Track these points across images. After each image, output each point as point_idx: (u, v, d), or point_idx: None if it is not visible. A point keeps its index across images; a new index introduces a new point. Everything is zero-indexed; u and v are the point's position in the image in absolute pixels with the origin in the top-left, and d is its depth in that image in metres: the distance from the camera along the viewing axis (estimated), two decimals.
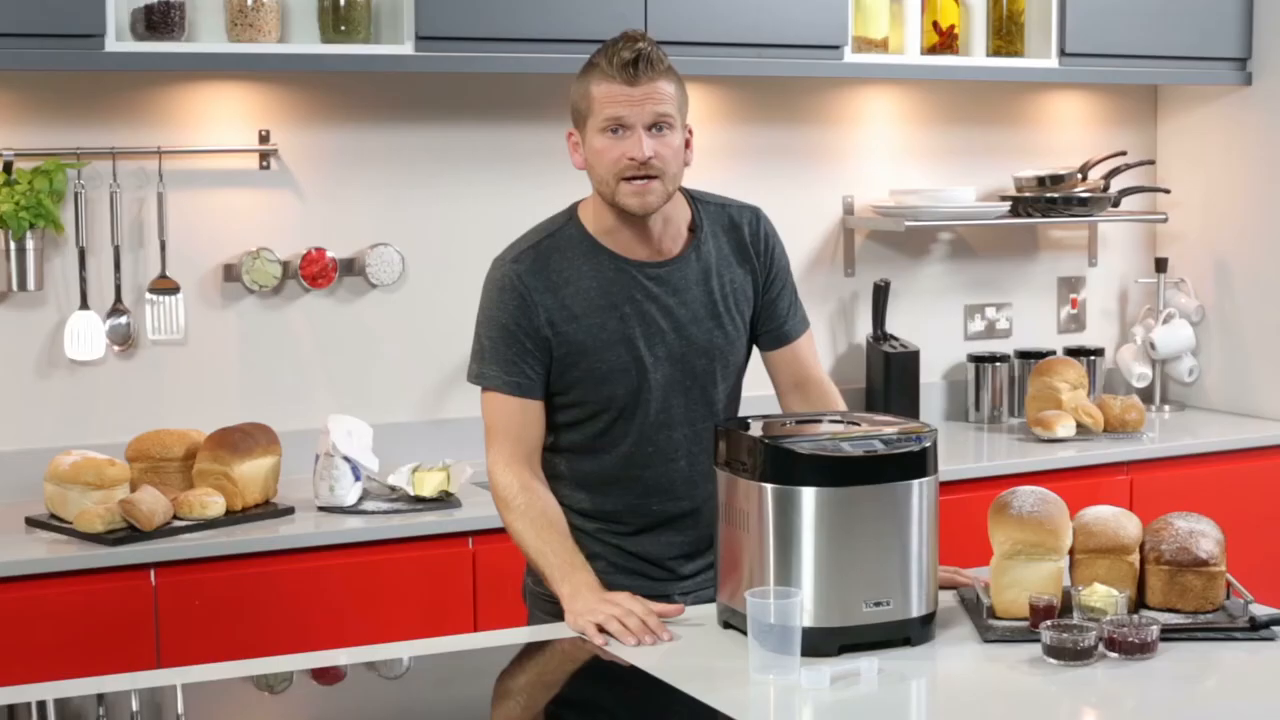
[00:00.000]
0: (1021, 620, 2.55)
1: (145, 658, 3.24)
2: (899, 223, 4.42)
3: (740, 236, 2.83)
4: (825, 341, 4.50)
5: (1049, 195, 4.60)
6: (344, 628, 3.35)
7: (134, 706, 2.35)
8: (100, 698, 2.36)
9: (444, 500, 3.61)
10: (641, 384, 2.74)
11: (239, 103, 3.87)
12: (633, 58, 2.62)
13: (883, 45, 4.29)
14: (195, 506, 3.41)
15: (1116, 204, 4.73)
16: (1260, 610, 2.59)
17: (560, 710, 2.45)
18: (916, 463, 2.49)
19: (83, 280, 3.72)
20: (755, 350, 2.90)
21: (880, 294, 4.52)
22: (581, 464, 2.80)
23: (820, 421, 2.63)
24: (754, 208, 2.87)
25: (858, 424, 2.62)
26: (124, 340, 3.78)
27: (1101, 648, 2.42)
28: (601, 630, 2.53)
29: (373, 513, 3.55)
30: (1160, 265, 4.89)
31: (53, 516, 3.42)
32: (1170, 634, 2.49)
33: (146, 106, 3.78)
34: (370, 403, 3.99)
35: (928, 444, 2.51)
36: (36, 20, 3.37)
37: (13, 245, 3.61)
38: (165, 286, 3.79)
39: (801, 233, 4.44)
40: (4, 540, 3.34)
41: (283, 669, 2.52)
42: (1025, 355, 4.68)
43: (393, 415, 4.02)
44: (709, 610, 2.63)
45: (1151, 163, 4.89)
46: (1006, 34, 4.46)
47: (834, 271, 4.56)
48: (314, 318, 3.97)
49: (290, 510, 3.56)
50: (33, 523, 3.43)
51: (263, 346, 3.92)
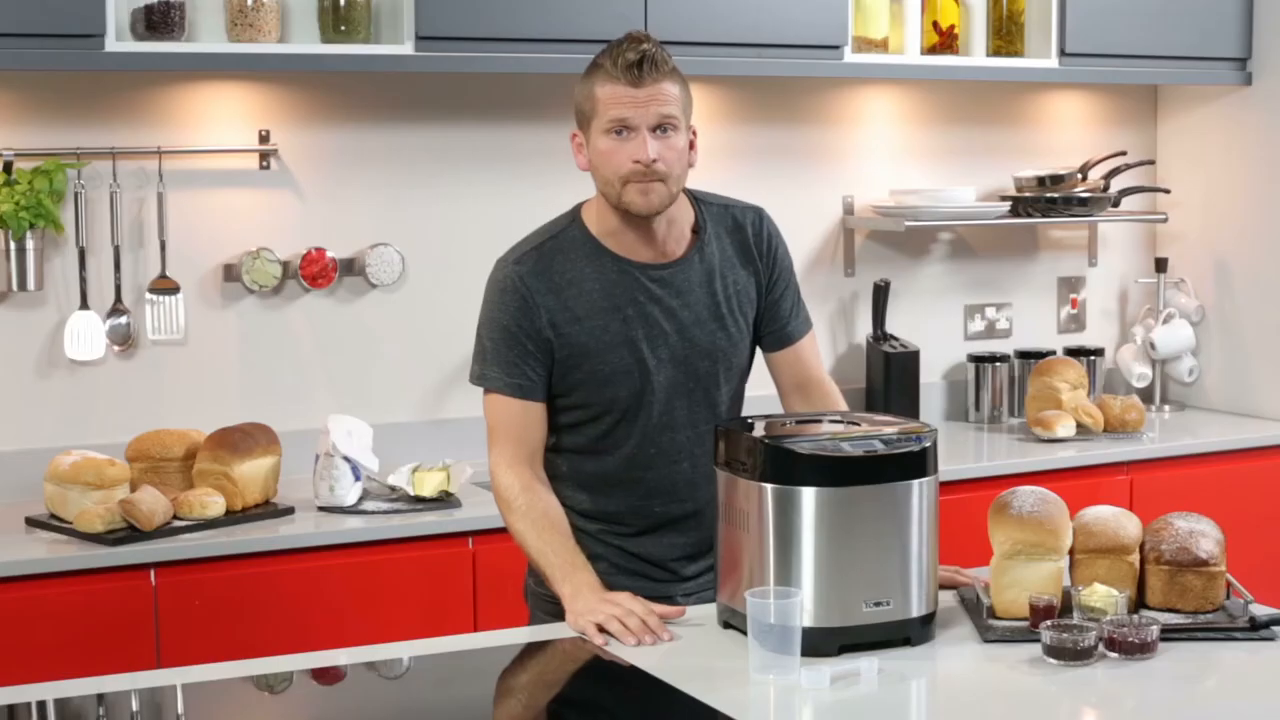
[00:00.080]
0: (1021, 620, 2.55)
1: (145, 658, 3.24)
2: (899, 223, 4.42)
3: (744, 237, 2.82)
4: (825, 341, 4.50)
5: (1049, 195, 4.60)
6: (344, 628, 3.35)
7: (134, 706, 2.35)
8: (100, 698, 2.36)
9: (444, 500, 3.61)
10: (644, 386, 2.74)
11: (239, 103, 3.87)
12: (637, 59, 2.61)
13: (883, 45, 4.29)
14: (195, 506, 3.41)
15: (1116, 204, 4.72)
16: (1260, 610, 2.59)
17: (560, 710, 2.45)
18: (916, 463, 2.49)
19: (83, 280, 3.72)
20: (757, 351, 2.90)
21: (880, 294, 4.52)
22: (584, 465, 2.80)
23: (820, 421, 2.63)
24: (757, 208, 2.87)
25: (858, 424, 2.61)
26: (124, 340, 3.78)
27: (1101, 648, 2.42)
28: (602, 630, 2.53)
29: (373, 513, 3.55)
30: (1160, 265, 4.89)
31: (53, 516, 3.42)
32: (1170, 634, 2.49)
33: (146, 106, 3.78)
34: (370, 403, 3.99)
35: (928, 444, 2.51)
36: (36, 20, 3.37)
37: (13, 245, 3.61)
38: (165, 286, 3.79)
39: (801, 233, 4.43)
40: (4, 540, 3.34)
41: (283, 669, 2.52)
42: (1025, 355, 4.68)
43: (393, 415, 4.02)
44: (709, 610, 2.63)
45: (1151, 163, 4.89)
46: (1006, 34, 4.46)
47: (834, 271, 4.56)
48: (314, 318, 3.97)
49: (290, 510, 3.56)
50: (33, 523, 3.43)
51: (263, 346, 3.92)
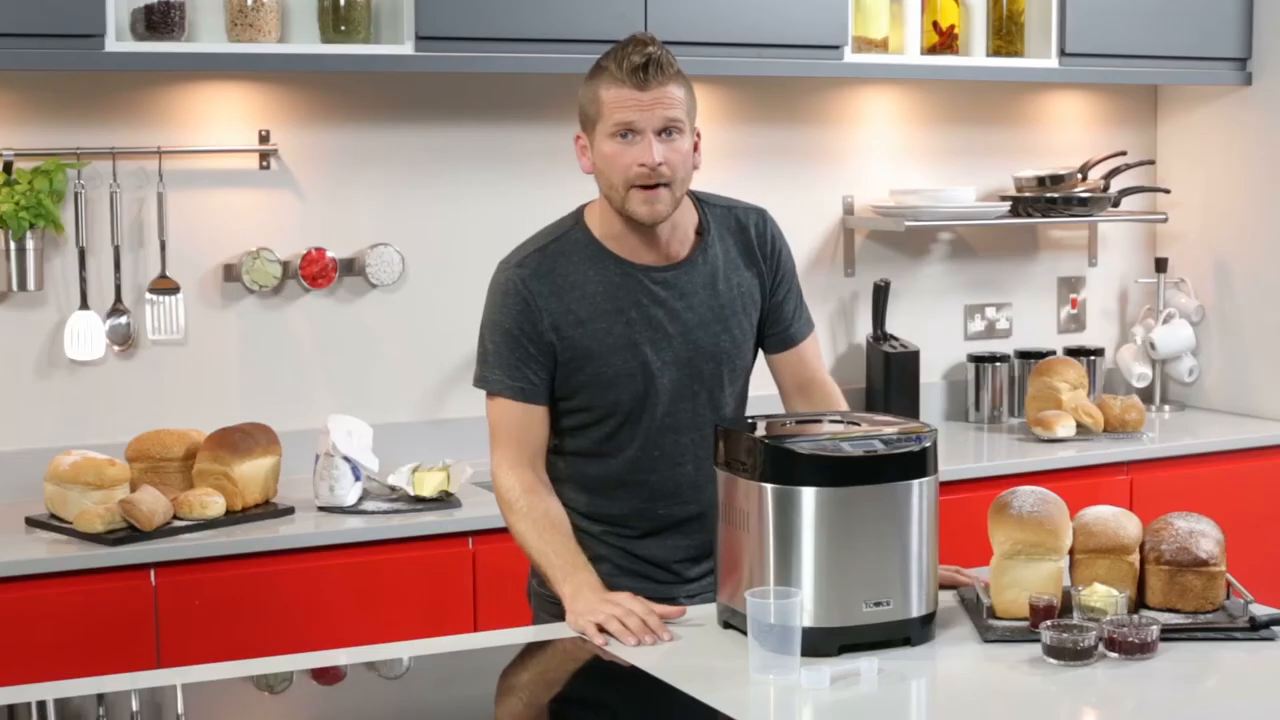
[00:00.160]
0: (1021, 620, 2.55)
1: (145, 658, 3.24)
2: (899, 223, 4.42)
3: (747, 238, 2.81)
4: (825, 341, 4.50)
5: (1049, 195, 4.60)
6: (344, 628, 3.35)
7: (134, 706, 2.35)
8: (100, 698, 2.36)
9: (444, 500, 3.61)
10: (648, 388, 2.73)
11: (239, 103, 3.87)
12: (643, 62, 2.60)
13: (883, 45, 4.29)
14: (195, 506, 3.41)
15: (1116, 204, 4.72)
16: (1260, 610, 2.59)
17: (561, 710, 2.45)
18: (916, 463, 2.49)
19: (83, 280, 3.72)
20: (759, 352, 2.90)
21: (880, 294, 4.52)
22: (587, 468, 2.79)
23: (820, 421, 2.63)
24: (760, 209, 2.86)
25: (858, 424, 2.61)
26: (124, 340, 3.78)
27: (1101, 648, 2.42)
28: (602, 630, 2.53)
29: (373, 513, 3.55)
30: (1160, 265, 4.89)
31: (53, 516, 3.42)
32: (1170, 634, 2.49)
33: (146, 106, 3.77)
34: (370, 403, 3.99)
35: (928, 444, 2.51)
36: (36, 20, 3.37)
37: (13, 245, 3.61)
38: (165, 286, 3.79)
39: (802, 233, 4.43)
40: (4, 540, 3.34)
41: (283, 669, 2.52)
42: (1025, 355, 4.68)
43: (393, 415, 4.02)
44: (709, 610, 2.63)
45: (1151, 163, 4.89)
46: (1006, 34, 4.46)
47: (834, 271, 4.56)
48: (314, 318, 3.97)
49: (290, 510, 3.56)
50: (33, 523, 3.43)
51: (263, 346, 3.92)
